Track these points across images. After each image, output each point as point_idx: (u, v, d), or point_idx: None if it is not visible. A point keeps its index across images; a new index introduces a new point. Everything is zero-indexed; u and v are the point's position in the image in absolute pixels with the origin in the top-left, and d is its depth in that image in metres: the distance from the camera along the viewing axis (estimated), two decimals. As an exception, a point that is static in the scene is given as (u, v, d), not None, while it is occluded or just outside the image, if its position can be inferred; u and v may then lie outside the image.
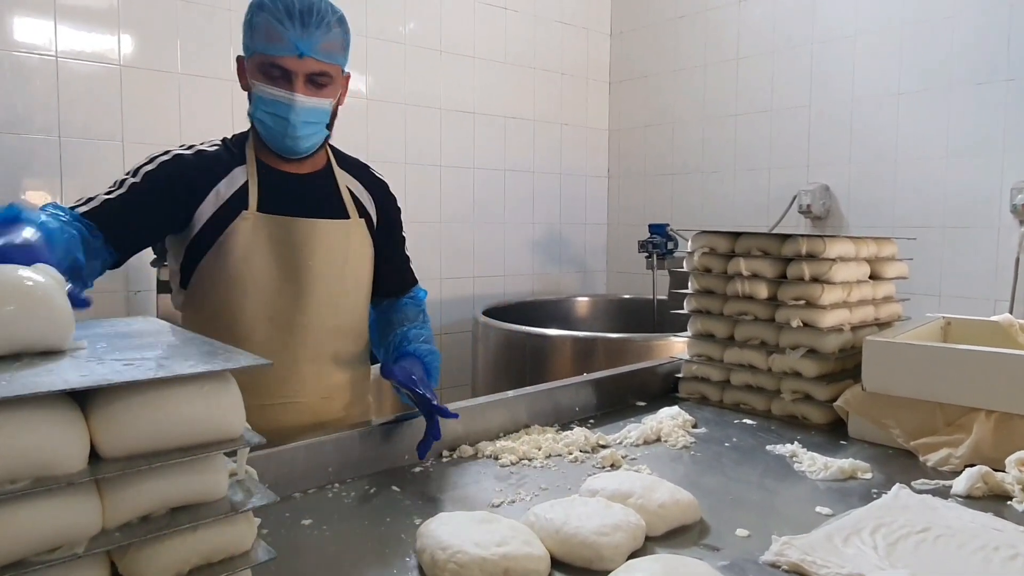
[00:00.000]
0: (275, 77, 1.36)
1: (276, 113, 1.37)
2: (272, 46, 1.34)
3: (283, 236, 1.43)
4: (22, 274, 0.71)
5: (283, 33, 1.33)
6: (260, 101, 1.38)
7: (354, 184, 1.57)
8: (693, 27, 3.93)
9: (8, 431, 0.58)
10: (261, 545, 0.73)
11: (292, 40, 1.33)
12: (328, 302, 1.49)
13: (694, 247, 1.86)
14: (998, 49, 2.87)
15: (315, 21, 1.34)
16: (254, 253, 1.42)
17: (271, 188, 1.45)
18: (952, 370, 1.42)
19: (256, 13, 1.36)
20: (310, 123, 1.40)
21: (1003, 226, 2.89)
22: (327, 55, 1.38)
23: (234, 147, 1.48)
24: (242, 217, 1.41)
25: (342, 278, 1.51)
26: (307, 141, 1.43)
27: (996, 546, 0.98)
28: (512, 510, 1.16)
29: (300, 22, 1.33)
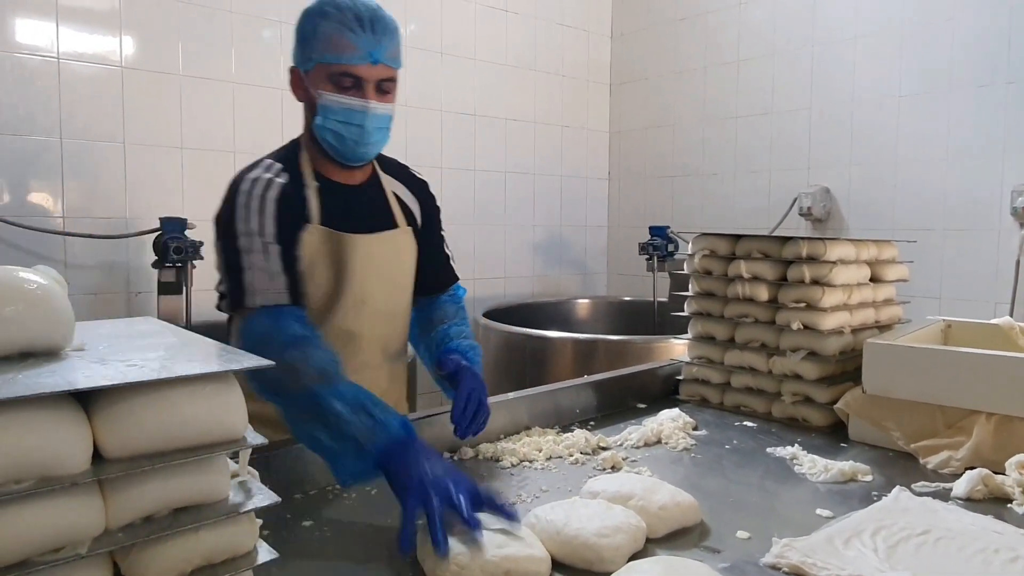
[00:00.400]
0: (346, 87, 1.35)
1: (350, 122, 1.36)
2: (344, 55, 1.32)
3: (341, 249, 1.44)
4: (23, 276, 0.72)
5: (355, 41, 1.32)
6: (329, 111, 1.36)
7: (399, 188, 1.58)
8: (693, 29, 3.93)
9: (12, 431, 0.58)
10: (263, 546, 0.74)
11: (366, 48, 1.33)
12: (381, 313, 1.52)
13: (695, 249, 1.86)
14: (998, 52, 2.87)
15: (382, 28, 1.35)
16: (316, 265, 1.42)
17: (331, 201, 1.45)
18: (952, 373, 1.43)
19: (318, 23, 1.34)
20: (382, 129, 1.41)
21: (1003, 229, 2.90)
22: (394, 60, 1.39)
23: (291, 164, 1.45)
24: (307, 231, 1.40)
25: (393, 289, 1.54)
26: (377, 147, 1.45)
27: (996, 548, 0.98)
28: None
29: (372, 29, 1.33)
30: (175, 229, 2.54)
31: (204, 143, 2.89)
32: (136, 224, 2.70)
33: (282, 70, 3.04)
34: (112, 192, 2.70)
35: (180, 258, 2.50)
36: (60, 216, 2.59)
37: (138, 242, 2.70)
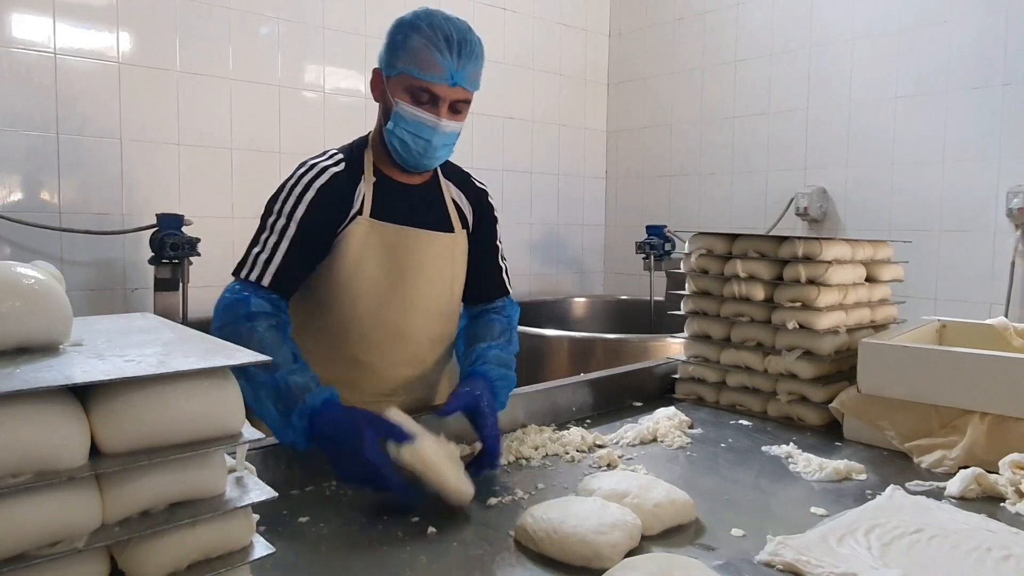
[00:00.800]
0: (422, 101, 1.39)
1: (419, 134, 1.40)
2: (426, 72, 1.36)
3: (394, 243, 1.46)
4: (21, 271, 0.71)
5: (440, 61, 1.36)
6: (402, 120, 1.40)
7: (457, 194, 1.60)
8: (692, 29, 3.94)
9: (10, 425, 0.58)
10: (260, 541, 0.74)
11: (448, 69, 1.36)
12: (432, 311, 1.53)
13: (691, 248, 1.87)
14: (995, 54, 2.88)
15: (468, 52, 1.38)
16: (366, 258, 1.44)
17: (385, 197, 1.48)
18: (947, 373, 1.43)
19: (409, 35, 1.38)
20: (447, 145, 1.46)
21: (999, 230, 2.91)
22: (472, 84, 1.43)
23: (355, 156, 1.50)
24: (356, 222, 1.43)
25: (448, 290, 1.54)
26: (439, 160, 1.49)
27: (989, 547, 0.99)
28: (508, 509, 1.16)
29: (457, 53, 1.37)
30: (172, 225, 2.54)
31: (201, 139, 2.88)
32: (133, 220, 2.70)
33: (279, 67, 3.07)
34: (109, 188, 2.69)
35: (177, 254, 2.50)
36: (57, 212, 2.59)
37: (134, 238, 2.70)
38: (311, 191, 1.40)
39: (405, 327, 1.49)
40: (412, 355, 1.52)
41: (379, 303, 1.46)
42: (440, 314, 1.55)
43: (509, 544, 1.04)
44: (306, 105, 3.16)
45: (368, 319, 1.46)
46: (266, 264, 1.36)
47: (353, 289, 1.45)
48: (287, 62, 3.09)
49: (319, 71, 3.18)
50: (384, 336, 1.48)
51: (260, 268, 1.36)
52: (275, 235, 1.38)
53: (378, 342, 1.48)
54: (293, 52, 3.10)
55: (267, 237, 1.39)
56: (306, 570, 0.97)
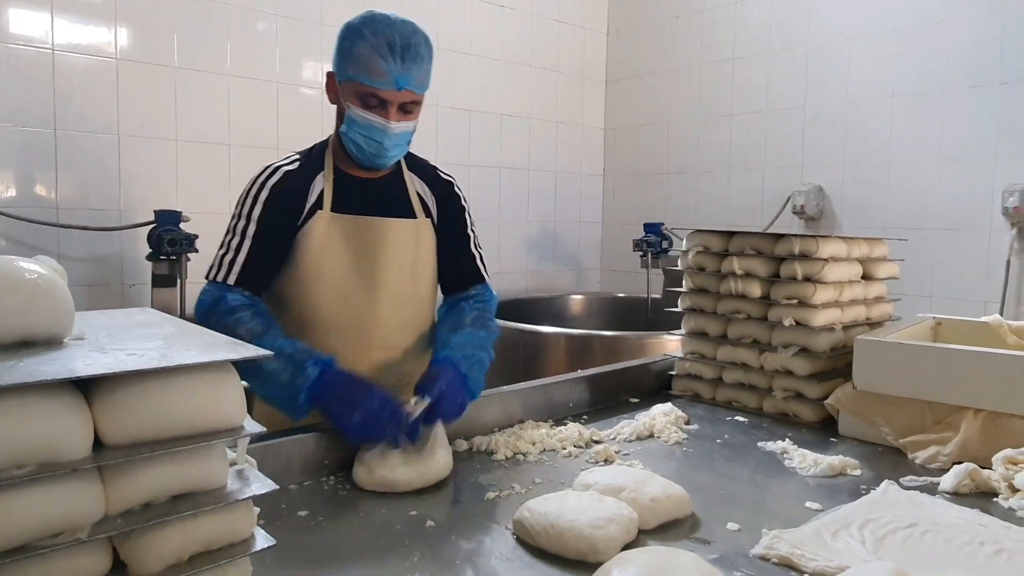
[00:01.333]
0: (371, 105, 1.45)
1: (371, 137, 1.46)
2: (372, 79, 1.42)
3: (356, 234, 1.52)
4: (24, 266, 0.72)
5: (384, 68, 1.40)
6: (354, 123, 1.47)
7: (421, 186, 1.64)
8: (689, 27, 3.94)
9: (14, 417, 0.59)
10: (260, 533, 0.75)
11: (393, 75, 1.41)
12: (399, 297, 1.57)
13: (688, 245, 1.88)
14: (992, 53, 2.89)
15: (412, 56, 1.42)
16: (329, 250, 1.51)
17: (345, 191, 1.55)
18: (941, 369, 1.44)
19: (355, 42, 1.42)
20: (400, 145, 1.51)
21: (994, 229, 2.92)
22: (420, 86, 1.47)
23: (314, 158, 1.57)
24: (317, 216, 1.50)
25: (412, 275, 1.59)
26: (393, 159, 1.54)
27: (981, 541, 1.00)
28: (506, 503, 1.17)
29: (400, 58, 1.41)
30: (170, 221, 2.54)
31: (199, 136, 2.88)
32: (130, 216, 2.70)
33: (277, 63, 3.07)
34: (106, 184, 2.69)
35: (175, 250, 2.50)
36: (54, 208, 2.59)
37: (132, 234, 2.70)
38: (265, 190, 1.49)
39: (370, 313, 1.55)
40: (380, 341, 1.57)
41: (344, 291, 1.52)
42: (406, 299, 1.59)
43: (507, 538, 1.05)
44: (304, 102, 3.16)
45: (334, 307, 1.52)
46: (231, 264, 1.46)
47: (318, 279, 1.51)
48: (285, 59, 3.09)
49: (317, 68, 3.18)
50: (351, 323, 1.54)
51: (226, 269, 1.45)
52: (237, 236, 1.47)
53: (345, 329, 1.53)
54: (291, 49, 3.10)
55: (230, 239, 1.48)
56: (306, 564, 0.98)
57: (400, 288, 1.57)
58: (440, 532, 1.07)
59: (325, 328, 1.52)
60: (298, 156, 1.57)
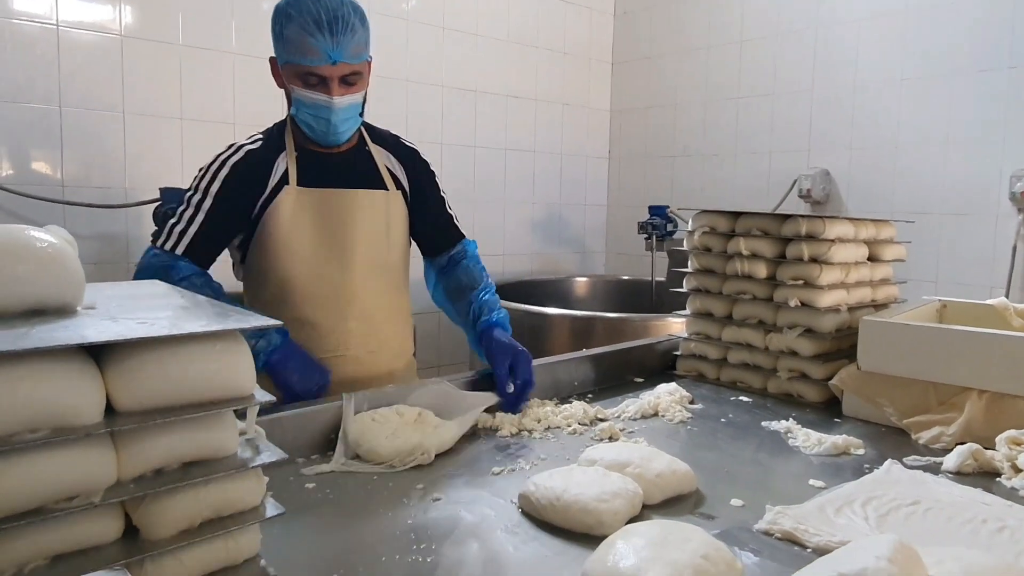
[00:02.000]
0: (312, 84, 1.46)
1: (318, 115, 1.48)
2: (306, 57, 1.43)
3: (324, 207, 1.55)
4: (35, 235, 0.72)
5: (315, 45, 1.41)
6: (301, 104, 1.49)
7: (388, 157, 1.67)
8: (697, 8, 3.91)
9: (28, 382, 0.59)
10: (270, 501, 0.75)
11: (324, 51, 1.42)
12: (371, 265, 1.61)
13: (695, 226, 1.87)
14: (1001, 37, 2.87)
15: (341, 28, 1.42)
16: (299, 224, 1.53)
17: (310, 166, 1.57)
18: (946, 350, 1.44)
19: (285, 25, 1.45)
20: (349, 118, 1.52)
21: (1001, 214, 2.91)
22: (356, 56, 1.47)
23: (275, 137, 1.59)
24: (284, 192, 1.52)
25: (384, 243, 1.63)
26: (346, 134, 1.55)
27: (984, 519, 1.01)
28: (512, 479, 1.18)
29: (329, 31, 1.41)
30: (175, 199, 2.52)
31: (204, 114, 2.88)
32: (135, 194, 2.70)
33: (283, 42, 3.04)
34: (111, 162, 2.69)
35: (180, 229, 2.50)
36: (59, 185, 2.59)
37: (137, 212, 2.70)
38: (225, 168, 1.53)
39: (345, 282, 1.58)
40: (357, 311, 1.61)
41: (317, 262, 1.56)
42: (380, 268, 1.63)
43: (512, 512, 1.06)
44: (309, 81, 3.15)
45: (309, 280, 1.56)
46: (181, 235, 1.48)
47: (290, 252, 1.54)
48: (290, 37, 3.07)
49: (322, 46, 3.16)
50: (327, 294, 1.58)
51: (175, 239, 1.48)
52: (191, 208, 1.50)
53: (322, 300, 1.57)
54: (296, 27, 3.08)
55: (184, 210, 1.51)
56: (312, 535, 0.99)
57: (374, 258, 1.61)
58: (446, 506, 1.08)
59: (302, 300, 1.55)
60: (261, 136, 1.59)
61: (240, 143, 1.57)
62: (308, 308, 1.56)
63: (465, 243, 1.79)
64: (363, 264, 1.60)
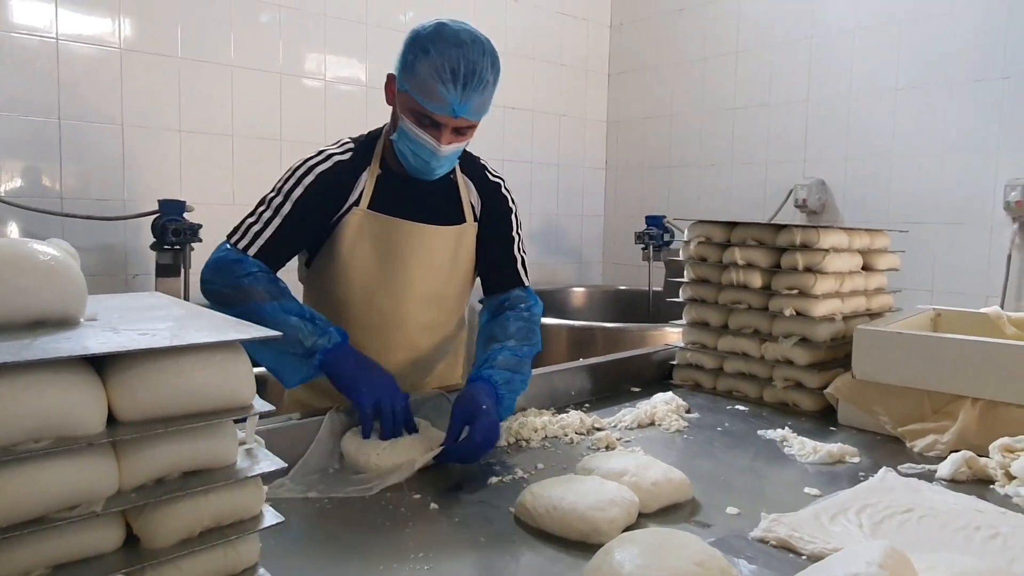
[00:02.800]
0: (425, 125, 1.40)
1: (420, 155, 1.43)
2: (429, 101, 1.36)
3: (386, 234, 1.50)
4: (38, 248, 0.73)
5: (444, 94, 1.34)
6: (405, 136, 1.43)
7: (471, 186, 1.61)
8: (693, 20, 3.94)
9: (31, 392, 0.60)
10: (269, 510, 0.76)
11: (451, 102, 1.35)
12: (426, 300, 1.56)
13: (691, 236, 1.89)
14: (995, 47, 2.89)
15: (475, 84, 1.36)
16: (358, 248, 1.50)
17: (387, 190, 1.52)
18: (940, 359, 1.46)
19: (419, 58, 1.36)
20: (447, 163, 1.47)
21: (996, 223, 2.93)
22: (476, 114, 1.41)
23: (365, 149, 1.54)
24: (352, 213, 1.49)
25: (444, 280, 1.57)
26: (440, 173, 1.49)
27: (977, 526, 1.02)
28: (509, 488, 1.19)
29: (462, 85, 1.35)
30: (174, 211, 2.55)
31: (202, 126, 2.89)
32: (133, 206, 2.71)
33: (280, 54, 3.08)
34: (110, 174, 2.70)
35: (179, 240, 2.51)
36: (58, 197, 2.60)
37: (135, 224, 2.71)
38: (311, 175, 1.46)
39: (395, 313, 1.54)
40: (403, 340, 1.57)
41: (370, 290, 1.52)
42: (434, 302, 1.58)
43: (509, 520, 1.07)
44: (307, 93, 3.17)
45: (360, 304, 1.52)
46: (256, 236, 1.43)
47: (347, 275, 1.51)
48: (288, 50, 3.09)
49: (320, 59, 3.19)
50: (374, 321, 1.54)
51: (250, 238, 1.43)
52: (270, 211, 1.45)
53: (369, 326, 1.53)
54: (294, 40, 3.11)
55: (263, 211, 1.46)
56: (311, 544, 0.99)
57: (429, 291, 1.55)
58: (444, 515, 1.09)
59: (351, 324, 1.50)
60: (352, 146, 1.53)
61: (329, 151, 1.50)
62: (357, 334, 1.49)
63: (527, 293, 1.62)
64: (417, 297, 1.54)
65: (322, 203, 1.47)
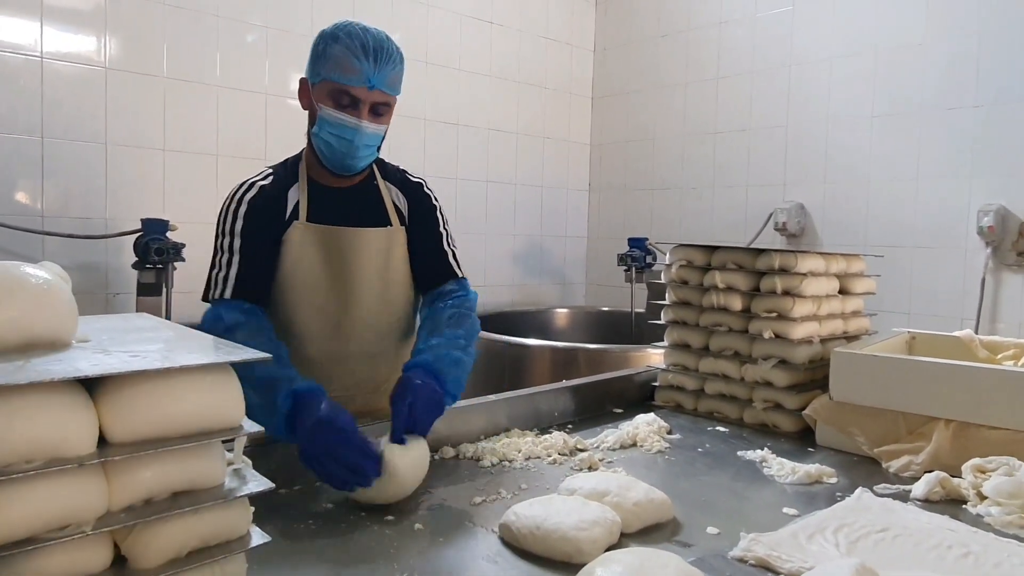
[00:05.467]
0: (343, 104, 1.48)
1: (342, 136, 1.49)
2: (346, 76, 1.45)
3: (330, 243, 1.56)
4: (28, 271, 0.74)
5: (357, 67, 1.45)
6: (326, 123, 1.50)
7: (396, 193, 1.68)
8: (675, 46, 4.02)
9: (24, 414, 0.61)
10: (256, 530, 0.77)
11: (365, 74, 1.45)
12: (373, 304, 1.60)
13: (672, 260, 1.92)
14: (967, 77, 2.98)
15: (385, 57, 1.47)
16: (304, 259, 1.55)
17: (320, 201, 1.58)
18: (914, 381, 1.49)
19: (330, 44, 1.47)
20: (369, 146, 1.54)
21: (970, 247, 3.00)
22: (391, 88, 1.52)
23: (287, 170, 1.61)
24: (293, 227, 1.54)
25: (385, 281, 1.62)
26: (363, 161, 1.56)
27: (950, 545, 1.04)
28: (492, 508, 1.20)
29: (374, 58, 1.46)
30: (157, 230, 2.55)
31: (187, 146, 2.90)
32: (115, 225, 2.71)
33: (266, 74, 3.10)
34: (93, 192, 2.70)
35: (162, 259, 2.51)
36: (39, 215, 2.59)
37: (117, 243, 2.70)
38: (244, 204, 1.52)
39: (345, 322, 1.58)
40: (356, 349, 1.60)
41: (318, 300, 1.56)
42: (380, 307, 1.62)
43: (493, 540, 1.08)
44: (292, 113, 3.16)
45: (309, 316, 1.56)
46: (224, 280, 1.48)
47: (292, 289, 1.55)
48: (274, 70, 3.12)
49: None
50: (326, 331, 1.57)
51: (221, 285, 1.48)
52: (225, 252, 1.51)
53: (321, 338, 1.57)
54: (280, 60, 3.13)
55: (219, 257, 1.51)
56: (296, 564, 1.00)
57: (374, 296, 1.60)
58: (427, 535, 1.09)
59: (303, 336, 1.55)
60: (271, 171, 1.60)
61: (251, 179, 1.57)
62: (309, 346, 1.55)
63: (459, 284, 1.65)
64: (364, 304, 1.59)
65: (263, 225, 1.52)
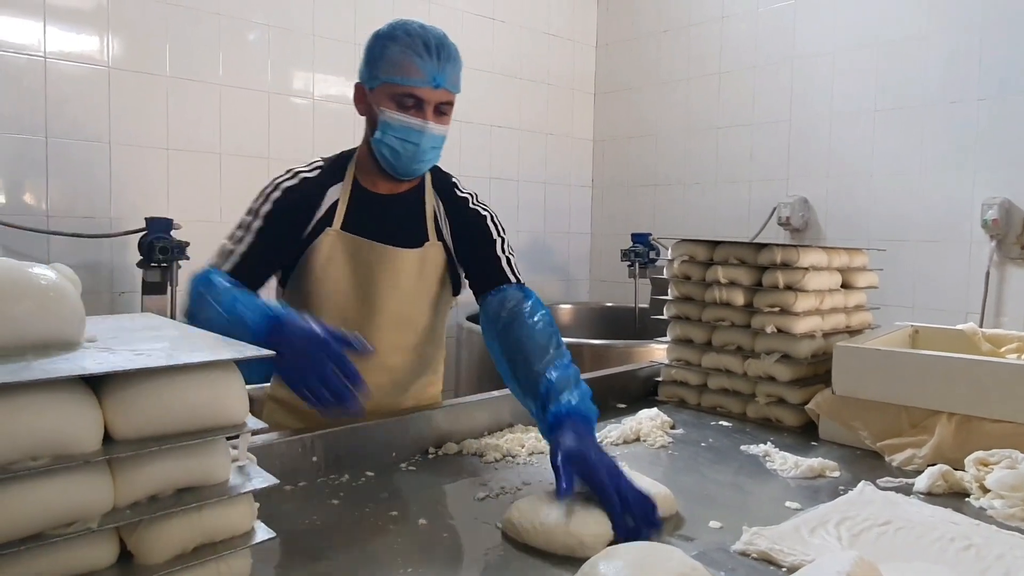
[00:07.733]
0: (408, 106, 1.44)
1: (407, 139, 1.45)
2: (409, 77, 1.42)
3: (360, 256, 1.53)
4: (37, 272, 0.75)
5: (421, 66, 1.41)
6: (390, 128, 1.45)
7: (439, 204, 1.63)
8: (677, 41, 4.01)
9: (30, 412, 0.62)
10: (261, 526, 0.78)
11: (430, 73, 1.42)
12: (397, 321, 1.58)
13: (674, 255, 1.92)
14: (970, 70, 2.97)
15: (446, 55, 1.45)
16: (331, 269, 1.52)
17: (359, 208, 1.54)
18: (917, 375, 1.49)
19: (387, 46, 1.44)
20: (435, 148, 1.51)
21: (974, 241, 2.99)
22: (454, 86, 1.48)
23: (335, 167, 1.57)
24: (325, 233, 1.51)
25: (413, 300, 1.59)
26: (428, 164, 1.53)
27: (952, 537, 1.04)
28: (496, 503, 1.20)
29: (436, 56, 1.43)
30: (161, 229, 2.56)
31: (190, 144, 2.91)
32: (119, 224, 2.72)
33: (269, 73, 3.10)
34: (97, 192, 2.71)
35: (166, 258, 2.52)
36: (44, 215, 2.60)
37: (121, 242, 2.72)
38: (278, 191, 1.50)
39: (367, 330, 1.51)
40: (378, 362, 1.55)
41: (342, 310, 1.53)
42: (404, 323, 1.60)
43: (496, 536, 1.08)
44: (295, 112, 3.20)
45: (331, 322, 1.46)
46: (229, 254, 1.45)
47: (317, 297, 1.53)
48: (276, 69, 3.12)
49: (308, 78, 3.22)
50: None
51: (223, 257, 1.45)
52: (242, 230, 1.48)
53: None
54: (282, 59, 3.14)
55: (237, 231, 1.49)
56: (300, 560, 1.00)
57: (398, 312, 1.57)
58: (431, 531, 1.10)
59: None
60: (321, 163, 1.57)
61: (297, 169, 1.54)
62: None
63: (523, 293, 1.54)
64: (388, 319, 1.56)
65: (291, 218, 1.49)
